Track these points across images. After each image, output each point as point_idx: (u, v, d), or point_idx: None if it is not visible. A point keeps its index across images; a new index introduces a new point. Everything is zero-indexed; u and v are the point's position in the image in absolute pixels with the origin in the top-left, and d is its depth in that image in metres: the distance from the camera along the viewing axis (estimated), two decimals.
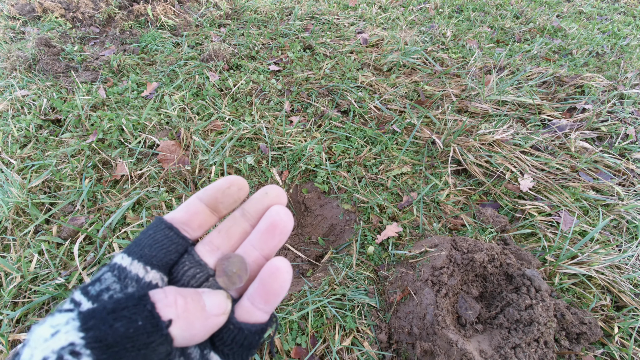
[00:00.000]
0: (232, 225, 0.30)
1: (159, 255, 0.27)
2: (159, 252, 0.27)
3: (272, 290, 0.26)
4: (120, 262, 0.26)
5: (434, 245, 1.18)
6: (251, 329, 0.26)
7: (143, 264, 0.26)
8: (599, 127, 1.76)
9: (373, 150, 1.62)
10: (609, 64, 2.30)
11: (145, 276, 0.26)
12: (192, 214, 0.30)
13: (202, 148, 1.58)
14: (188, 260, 0.28)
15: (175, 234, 0.28)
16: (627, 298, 1.15)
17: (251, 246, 0.29)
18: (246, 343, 0.26)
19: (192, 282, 0.27)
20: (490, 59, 2.28)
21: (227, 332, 0.26)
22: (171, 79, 2.01)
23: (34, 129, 1.68)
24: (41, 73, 2.04)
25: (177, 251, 0.28)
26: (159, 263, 0.27)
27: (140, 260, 0.26)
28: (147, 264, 0.26)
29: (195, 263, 0.28)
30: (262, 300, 0.27)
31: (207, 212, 0.30)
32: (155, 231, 0.28)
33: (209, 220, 0.30)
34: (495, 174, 1.52)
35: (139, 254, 0.27)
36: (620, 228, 1.36)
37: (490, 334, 1.00)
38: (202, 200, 0.30)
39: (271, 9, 2.79)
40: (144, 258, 0.26)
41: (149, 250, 0.27)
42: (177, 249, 0.28)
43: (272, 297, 0.27)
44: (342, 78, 2.04)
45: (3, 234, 1.32)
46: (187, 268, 0.28)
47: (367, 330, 1.09)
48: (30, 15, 2.55)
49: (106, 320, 0.19)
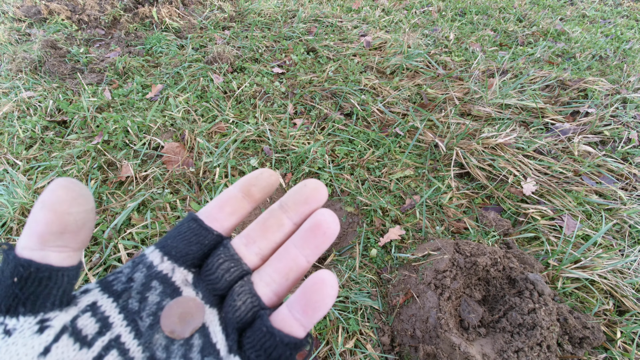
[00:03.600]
0: (270, 217, 0.29)
1: (179, 247, 0.27)
2: (180, 243, 0.27)
3: (313, 302, 0.24)
4: (146, 250, 0.27)
5: (436, 249, 1.19)
6: (283, 339, 0.24)
7: (162, 254, 0.26)
8: (602, 131, 1.76)
9: (376, 153, 1.63)
10: (612, 67, 2.30)
11: (159, 266, 0.26)
12: (225, 200, 0.29)
13: (206, 150, 1.59)
14: (223, 253, 0.28)
15: (198, 225, 0.28)
16: (630, 303, 1.15)
17: (292, 245, 0.28)
18: (275, 354, 0.24)
19: (226, 276, 0.27)
20: (494, 62, 2.28)
21: (258, 334, 0.25)
22: (176, 81, 2.03)
23: (40, 130, 1.70)
24: (47, 75, 2.05)
25: (199, 242, 0.27)
26: (177, 254, 0.27)
27: (161, 250, 0.27)
28: (165, 254, 0.26)
29: (229, 257, 0.28)
30: (301, 311, 0.25)
31: (240, 197, 0.29)
32: (182, 224, 0.28)
33: (242, 206, 0.29)
34: (498, 177, 1.52)
35: (162, 244, 0.27)
36: (623, 232, 1.36)
37: (493, 338, 1.00)
38: (236, 186, 0.29)
39: (275, 12, 2.80)
40: (165, 249, 0.27)
41: (171, 242, 0.27)
42: (198, 239, 0.27)
43: (312, 309, 0.25)
44: (345, 81, 2.05)
45: (9, 234, 1.33)
46: (222, 261, 0.27)
47: (370, 333, 1.10)
48: (36, 18, 2.57)
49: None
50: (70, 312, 0.22)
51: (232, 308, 0.26)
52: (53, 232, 0.21)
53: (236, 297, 0.26)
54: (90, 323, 0.22)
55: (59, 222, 0.21)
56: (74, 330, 0.21)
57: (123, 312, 0.23)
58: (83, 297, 0.23)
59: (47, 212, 0.21)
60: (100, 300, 0.23)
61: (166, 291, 0.25)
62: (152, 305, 0.24)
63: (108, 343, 0.22)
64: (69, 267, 0.22)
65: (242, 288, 0.26)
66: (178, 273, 0.26)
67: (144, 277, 0.25)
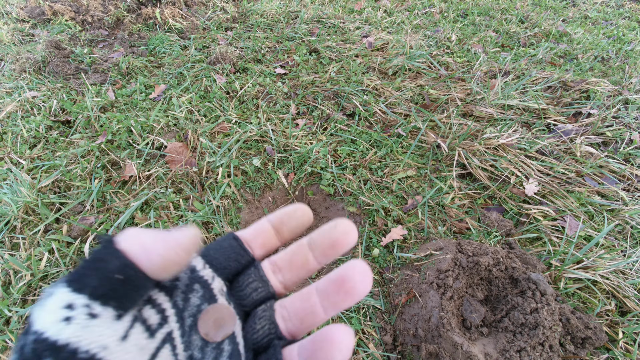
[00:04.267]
0: (297, 250, 0.30)
1: (219, 258, 0.29)
2: (221, 255, 0.29)
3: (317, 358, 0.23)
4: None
5: (439, 249, 1.19)
6: None
7: (204, 261, 0.28)
8: (604, 132, 1.76)
9: (378, 153, 1.64)
10: (614, 68, 2.30)
11: (201, 271, 0.27)
12: (258, 231, 0.31)
13: (209, 150, 1.60)
14: (254, 273, 0.29)
15: (238, 244, 0.30)
16: (632, 303, 1.15)
17: (315, 291, 0.27)
18: None
19: (253, 295, 0.29)
20: (496, 63, 2.29)
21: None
22: (179, 82, 2.04)
23: (44, 129, 1.71)
24: (51, 75, 2.07)
25: (237, 260, 0.29)
26: (217, 265, 0.29)
27: (203, 258, 0.28)
28: (207, 262, 0.28)
29: (258, 277, 0.29)
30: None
31: (272, 232, 0.31)
32: (224, 240, 0.30)
33: (272, 242, 0.31)
34: (500, 178, 1.52)
35: (204, 253, 0.29)
36: (625, 233, 1.36)
37: (496, 337, 1.00)
38: (270, 221, 0.31)
39: (277, 13, 2.81)
40: (206, 257, 0.29)
41: (213, 253, 0.29)
42: (237, 257, 0.29)
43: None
44: (347, 81, 2.05)
45: (12, 233, 1.34)
46: (252, 280, 0.29)
47: (372, 332, 1.10)
48: (40, 18, 2.59)
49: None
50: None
51: (252, 329, 0.27)
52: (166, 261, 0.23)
53: (257, 320, 0.27)
54: (152, 315, 0.23)
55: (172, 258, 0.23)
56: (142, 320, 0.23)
57: (174, 308, 0.25)
58: None
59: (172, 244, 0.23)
60: (154, 294, 0.25)
61: (205, 296, 0.26)
62: (193, 307, 0.25)
63: (165, 336, 0.23)
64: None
65: (264, 313, 0.28)
66: (217, 282, 0.28)
67: (188, 279, 0.27)
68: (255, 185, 1.52)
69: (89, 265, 0.21)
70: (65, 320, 0.19)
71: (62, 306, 0.20)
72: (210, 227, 1.35)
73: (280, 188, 1.56)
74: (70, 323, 0.19)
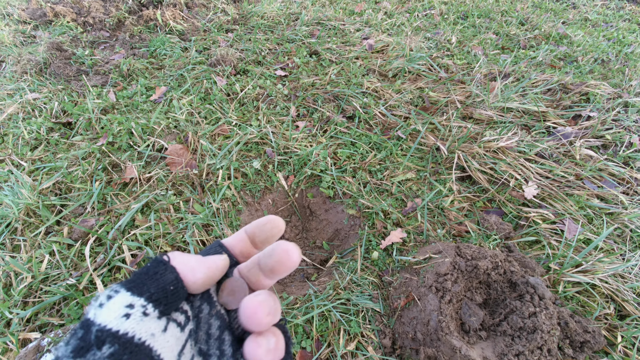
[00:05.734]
0: (251, 267, 0.34)
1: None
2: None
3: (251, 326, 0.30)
4: None
5: (438, 252, 1.20)
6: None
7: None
8: (604, 135, 1.77)
9: (378, 156, 1.64)
10: (614, 71, 2.30)
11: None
12: (237, 241, 0.35)
13: (209, 152, 1.60)
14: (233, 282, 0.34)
15: (224, 251, 0.35)
16: (631, 307, 1.15)
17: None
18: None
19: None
20: (496, 65, 2.29)
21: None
22: (179, 83, 2.05)
23: (45, 131, 1.72)
24: (52, 77, 2.07)
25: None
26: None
27: None
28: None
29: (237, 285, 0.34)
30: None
31: (248, 242, 0.35)
32: (211, 248, 0.35)
33: (249, 250, 0.35)
34: (500, 181, 1.53)
35: None
36: (624, 237, 1.36)
37: (494, 341, 1.01)
38: (247, 232, 0.35)
39: (278, 15, 2.82)
40: None
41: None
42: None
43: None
44: (347, 84, 2.06)
45: (13, 235, 1.34)
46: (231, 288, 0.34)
47: (371, 335, 1.10)
48: (42, 20, 2.60)
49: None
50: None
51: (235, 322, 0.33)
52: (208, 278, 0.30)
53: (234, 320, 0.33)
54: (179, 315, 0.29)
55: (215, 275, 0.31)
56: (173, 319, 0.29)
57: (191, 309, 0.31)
58: None
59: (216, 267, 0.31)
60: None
61: (204, 297, 0.32)
62: (195, 309, 0.31)
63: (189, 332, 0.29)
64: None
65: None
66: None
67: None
68: (255, 188, 1.53)
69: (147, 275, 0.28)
70: (125, 316, 0.25)
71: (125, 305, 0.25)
72: (210, 230, 1.35)
73: (280, 190, 1.57)
74: (128, 319, 0.25)
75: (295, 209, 1.59)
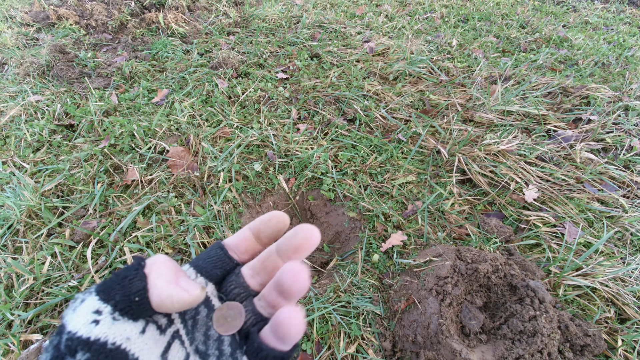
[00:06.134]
0: (267, 258, 0.34)
1: (207, 267, 0.34)
2: (209, 264, 0.34)
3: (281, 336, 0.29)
4: (184, 267, 0.33)
5: (438, 255, 1.20)
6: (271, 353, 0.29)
7: (195, 271, 0.33)
8: (604, 139, 1.77)
9: (379, 158, 1.65)
10: (614, 74, 2.31)
11: (196, 280, 0.32)
12: (241, 239, 0.35)
13: (210, 154, 1.61)
14: (235, 280, 0.34)
15: (223, 253, 0.34)
16: (631, 311, 1.15)
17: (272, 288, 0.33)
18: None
19: (237, 299, 0.33)
20: (496, 68, 2.30)
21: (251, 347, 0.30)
22: (181, 86, 2.06)
23: (48, 133, 1.73)
24: (55, 79, 2.09)
25: (223, 267, 0.34)
26: (207, 273, 0.33)
27: (195, 268, 0.33)
28: (198, 271, 0.33)
29: (239, 284, 0.34)
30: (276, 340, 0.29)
31: (253, 239, 0.35)
32: (211, 249, 0.35)
33: (254, 247, 0.35)
34: (500, 184, 1.53)
35: (195, 264, 0.34)
36: (625, 240, 1.36)
37: (494, 345, 1.01)
38: (250, 229, 0.35)
39: (279, 18, 2.84)
40: (197, 267, 0.33)
41: (202, 262, 0.34)
42: (222, 265, 0.34)
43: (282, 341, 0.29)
44: (348, 86, 2.07)
45: (15, 236, 1.35)
46: (233, 287, 0.34)
47: (371, 338, 1.10)
48: (45, 23, 2.61)
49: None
50: None
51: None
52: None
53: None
54: (160, 317, 0.29)
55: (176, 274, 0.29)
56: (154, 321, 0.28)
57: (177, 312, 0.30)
58: None
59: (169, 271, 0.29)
60: None
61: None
62: (192, 311, 0.31)
63: (173, 333, 0.29)
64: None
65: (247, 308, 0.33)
66: (209, 287, 0.33)
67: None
68: (256, 190, 1.53)
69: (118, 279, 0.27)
70: (94, 322, 0.24)
71: (92, 311, 0.25)
72: (212, 232, 1.36)
73: (281, 193, 1.57)
74: (98, 325, 0.24)
75: (296, 211, 1.59)
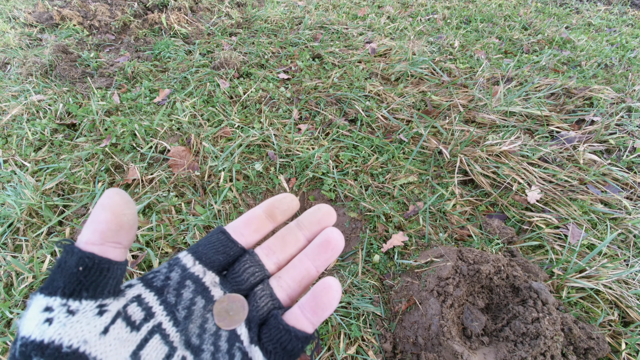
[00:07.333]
0: (288, 233, 0.34)
1: (208, 253, 0.32)
2: (209, 250, 0.32)
3: (321, 303, 0.29)
4: (180, 255, 0.32)
5: (439, 256, 1.19)
6: (297, 334, 0.29)
7: (194, 258, 0.31)
8: (608, 140, 1.76)
9: (380, 159, 1.64)
10: (617, 76, 2.30)
11: (191, 268, 0.31)
12: (251, 218, 0.34)
13: (211, 154, 1.61)
14: (249, 260, 0.32)
15: (226, 237, 0.33)
16: (635, 314, 1.13)
17: (305, 256, 0.33)
18: (289, 347, 0.29)
19: (250, 279, 0.32)
20: (498, 69, 2.29)
21: (274, 331, 0.29)
22: (183, 86, 2.06)
23: (49, 132, 1.73)
24: (58, 79, 2.09)
25: (225, 252, 0.32)
26: (207, 259, 0.31)
27: (193, 255, 0.31)
28: (197, 258, 0.31)
29: (255, 262, 0.32)
30: (311, 311, 0.30)
31: (264, 217, 0.34)
32: (212, 235, 0.33)
33: (264, 226, 0.34)
34: (503, 185, 1.52)
35: (194, 250, 0.32)
36: (628, 242, 1.35)
37: (496, 347, 0.99)
38: (261, 207, 0.35)
39: (281, 19, 2.84)
40: (196, 254, 0.31)
41: (202, 249, 0.32)
42: (225, 250, 0.32)
43: (321, 310, 0.30)
44: (350, 87, 2.06)
45: (15, 235, 1.35)
46: (248, 266, 0.32)
47: (371, 339, 1.09)
48: (48, 23, 2.63)
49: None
50: (120, 301, 0.26)
51: (255, 307, 0.31)
52: (111, 230, 0.25)
53: (259, 300, 0.31)
54: (137, 311, 0.26)
55: (116, 222, 0.25)
56: (126, 316, 0.25)
57: (163, 304, 0.28)
58: (129, 290, 0.28)
59: (107, 213, 0.25)
60: (143, 293, 0.28)
61: (197, 290, 0.30)
62: (187, 300, 0.29)
63: (152, 328, 0.26)
64: (121, 262, 0.26)
65: (264, 292, 0.31)
66: (208, 276, 0.31)
67: (179, 277, 0.30)
68: (256, 190, 1.53)
69: (55, 270, 0.24)
70: (47, 321, 0.22)
71: (41, 310, 0.22)
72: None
73: (281, 193, 1.57)
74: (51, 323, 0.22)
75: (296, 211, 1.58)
